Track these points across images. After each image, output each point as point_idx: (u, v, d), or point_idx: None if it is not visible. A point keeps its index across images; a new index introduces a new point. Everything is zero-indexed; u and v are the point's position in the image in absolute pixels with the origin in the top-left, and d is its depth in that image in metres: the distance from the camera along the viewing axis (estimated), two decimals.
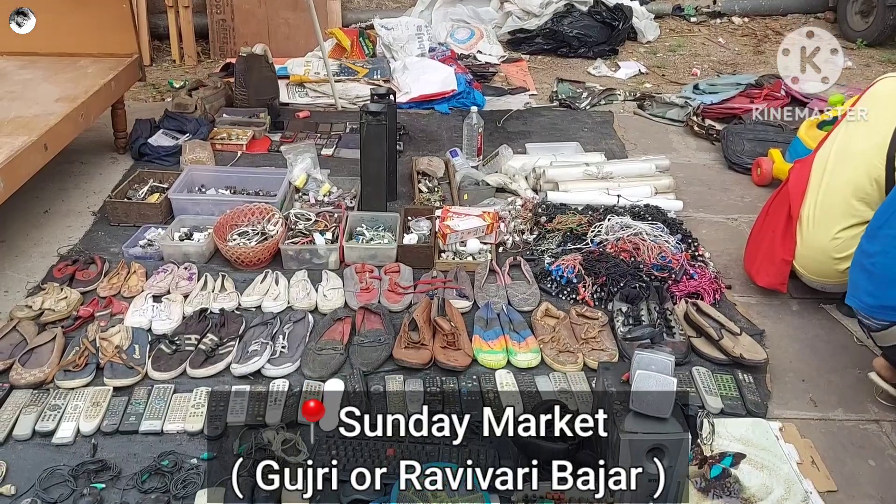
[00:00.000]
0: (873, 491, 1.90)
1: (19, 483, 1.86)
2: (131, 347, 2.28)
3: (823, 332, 2.50)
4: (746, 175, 3.55)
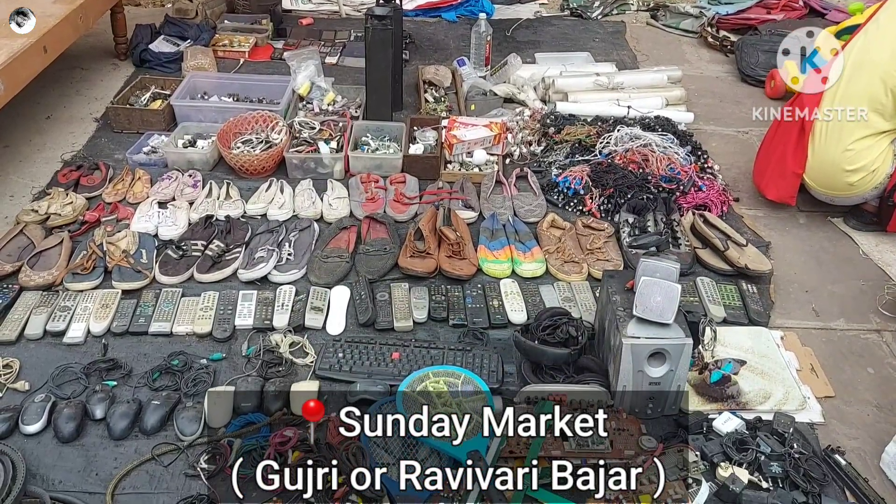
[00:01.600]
0: (870, 397, 1.94)
1: (33, 380, 1.90)
2: (138, 252, 2.29)
3: (829, 245, 2.50)
4: (760, 88, 3.48)
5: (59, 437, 1.73)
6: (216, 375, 1.94)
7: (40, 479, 1.64)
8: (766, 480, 1.65)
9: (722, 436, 1.75)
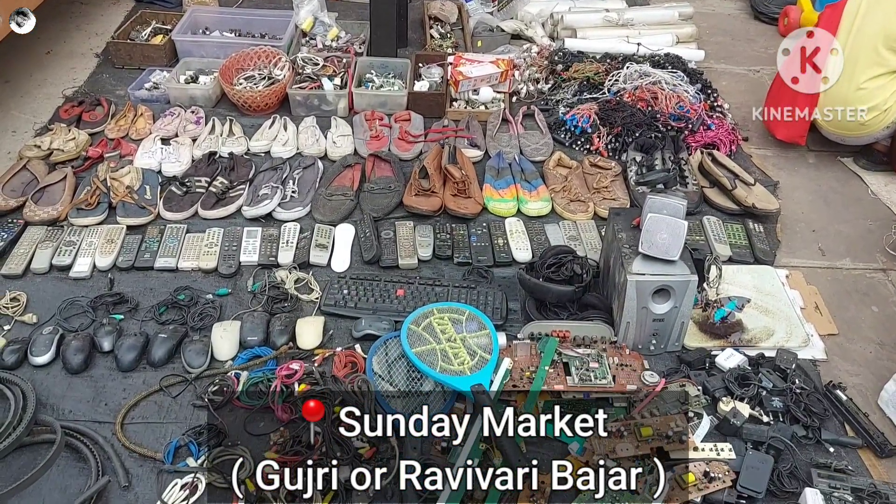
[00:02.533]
0: (873, 335, 1.94)
1: (40, 313, 1.92)
2: (142, 188, 2.28)
3: (838, 185, 2.48)
4: (772, 25, 3.40)
5: (68, 368, 1.75)
6: (222, 310, 1.95)
7: (50, 409, 1.67)
8: (767, 415, 1.67)
9: (724, 371, 1.77)
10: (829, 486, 1.51)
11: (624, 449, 1.56)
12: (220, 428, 1.62)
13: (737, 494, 1.50)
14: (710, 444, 1.60)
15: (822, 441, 1.63)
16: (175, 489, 1.50)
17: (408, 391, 1.74)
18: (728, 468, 1.53)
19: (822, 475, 1.54)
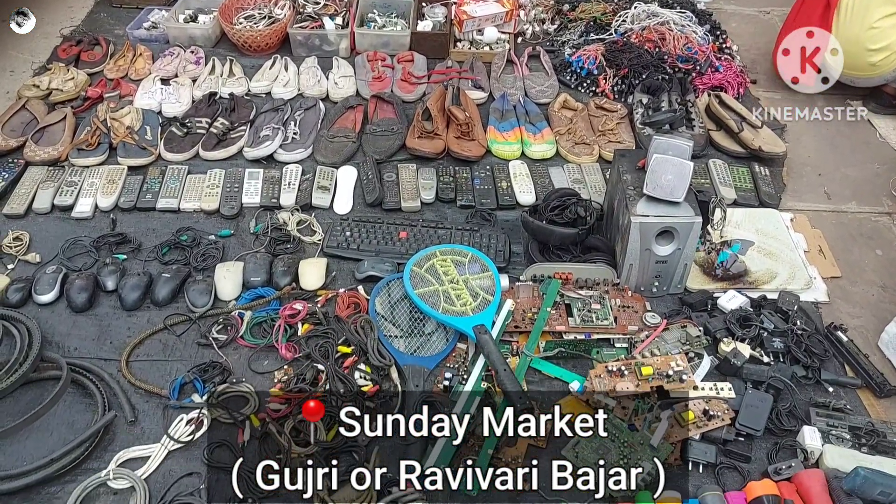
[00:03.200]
0: (876, 278, 1.94)
1: (43, 252, 1.92)
2: (142, 129, 2.26)
3: (846, 128, 2.44)
4: None
5: (72, 306, 1.76)
6: (225, 251, 1.95)
7: (56, 346, 1.68)
8: (768, 355, 1.68)
9: (726, 313, 1.77)
10: (828, 425, 1.53)
11: (624, 387, 1.57)
12: (225, 366, 1.64)
13: (735, 432, 1.51)
14: (710, 383, 1.61)
15: (821, 381, 1.64)
16: (181, 424, 1.53)
17: (410, 331, 1.75)
18: (727, 407, 1.54)
19: (820, 414, 1.55)
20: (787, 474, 1.44)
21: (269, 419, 1.52)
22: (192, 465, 1.47)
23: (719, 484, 1.46)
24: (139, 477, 1.43)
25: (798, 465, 1.45)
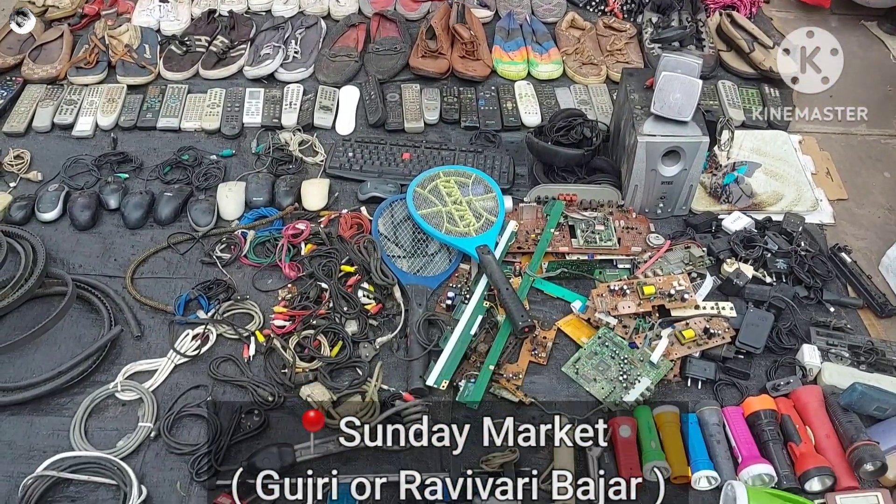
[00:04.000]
0: (883, 200, 1.93)
1: (44, 171, 1.91)
2: (141, 47, 2.22)
3: (859, 50, 2.38)
4: None
5: (76, 224, 1.77)
6: (226, 171, 1.94)
7: (60, 264, 1.69)
8: (771, 276, 1.68)
9: (730, 234, 1.76)
10: (827, 343, 1.54)
11: (626, 306, 1.58)
12: (229, 283, 1.65)
13: (735, 350, 1.53)
14: (712, 303, 1.61)
15: (823, 301, 1.65)
16: (187, 340, 1.54)
17: (413, 252, 1.75)
18: (728, 325, 1.55)
19: (820, 333, 1.56)
20: (785, 391, 1.46)
21: (274, 335, 1.54)
22: (198, 378, 1.49)
23: (717, 400, 1.48)
24: (147, 389, 1.45)
25: (796, 381, 1.47)
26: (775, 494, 1.29)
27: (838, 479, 1.32)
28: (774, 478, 1.33)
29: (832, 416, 1.40)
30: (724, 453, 1.37)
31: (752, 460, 1.33)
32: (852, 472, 1.33)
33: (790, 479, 1.33)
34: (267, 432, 1.42)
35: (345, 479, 1.33)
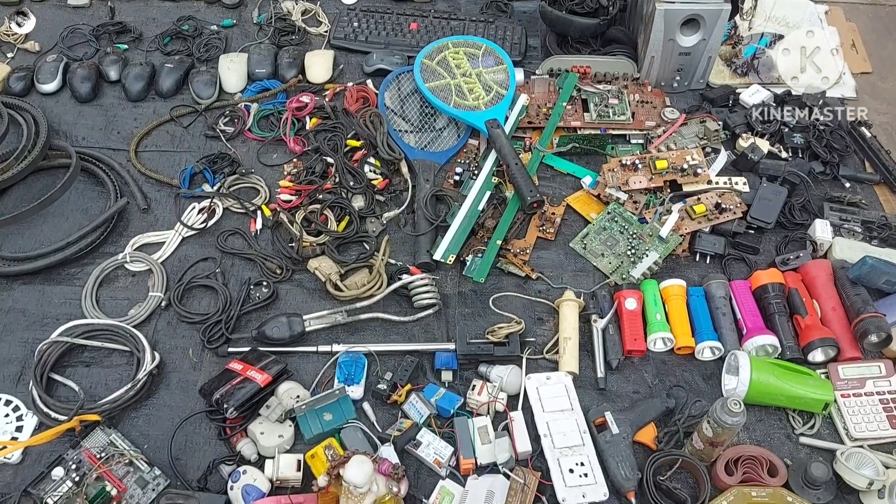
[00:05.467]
0: None
1: (42, 41, 1.85)
2: None
3: None
4: None
5: (77, 96, 1.73)
6: (228, 42, 1.88)
7: (63, 136, 1.67)
8: (787, 151, 1.64)
9: (747, 108, 1.71)
10: (840, 219, 1.51)
11: (637, 181, 1.55)
12: (234, 157, 1.62)
13: (746, 225, 1.51)
14: (725, 178, 1.58)
15: (839, 177, 1.61)
16: (193, 213, 1.54)
17: (421, 126, 1.71)
18: (740, 201, 1.53)
19: (833, 208, 1.54)
20: (794, 265, 1.45)
21: (280, 209, 1.53)
22: (206, 251, 1.50)
23: (725, 274, 1.47)
24: (155, 260, 1.46)
25: (806, 256, 1.45)
26: (778, 364, 1.30)
27: (842, 350, 1.33)
28: (778, 349, 1.34)
29: (840, 290, 1.40)
30: (728, 325, 1.38)
31: (756, 331, 1.34)
32: (856, 344, 1.34)
33: (794, 350, 1.34)
34: (276, 303, 1.43)
35: (353, 348, 1.35)
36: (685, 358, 1.37)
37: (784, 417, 1.30)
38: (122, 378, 1.30)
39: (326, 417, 1.25)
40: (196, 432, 1.26)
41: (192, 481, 1.20)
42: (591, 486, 1.20)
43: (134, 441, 1.24)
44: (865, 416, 1.27)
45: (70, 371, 1.32)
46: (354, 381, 1.31)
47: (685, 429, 1.25)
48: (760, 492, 1.18)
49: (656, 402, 1.29)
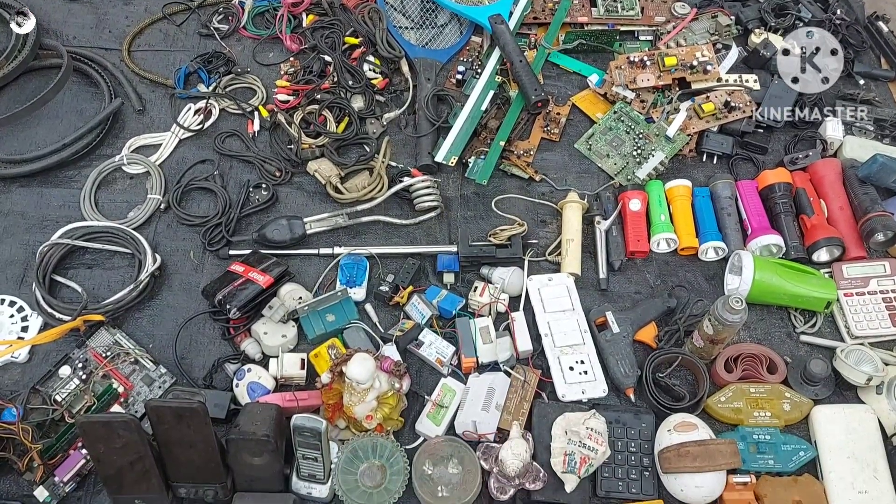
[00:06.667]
0: None
1: None
2: None
3: None
4: None
5: None
6: None
7: (53, 35, 1.62)
8: None
9: (761, 2, 1.64)
10: (852, 116, 1.48)
11: (645, 79, 1.51)
12: (229, 56, 1.58)
13: (755, 124, 1.47)
14: (735, 75, 1.53)
15: (853, 74, 1.56)
16: (189, 114, 1.51)
17: (422, 23, 1.66)
18: (750, 99, 1.49)
19: (846, 106, 1.49)
20: (803, 164, 1.42)
21: (278, 110, 1.50)
22: (204, 153, 1.48)
23: (732, 174, 1.45)
24: (153, 162, 1.44)
25: (815, 155, 1.42)
26: (781, 264, 1.29)
27: (847, 249, 1.32)
28: (783, 248, 1.33)
29: (848, 189, 1.37)
30: (733, 225, 1.36)
31: (761, 231, 1.33)
32: (862, 243, 1.33)
33: (799, 250, 1.33)
34: (276, 206, 1.42)
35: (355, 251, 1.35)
36: (688, 259, 1.37)
37: (785, 316, 1.31)
38: (125, 280, 1.31)
39: (329, 318, 1.26)
40: (200, 332, 1.28)
41: (198, 379, 1.23)
42: (590, 383, 1.21)
43: (139, 341, 1.25)
44: (867, 314, 1.27)
45: (72, 273, 1.32)
46: (356, 284, 1.31)
47: (686, 328, 1.26)
48: (759, 388, 1.19)
49: (658, 301, 1.29)
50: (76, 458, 1.11)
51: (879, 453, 1.15)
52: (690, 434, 1.12)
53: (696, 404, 1.19)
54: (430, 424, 1.18)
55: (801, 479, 1.13)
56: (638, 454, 1.16)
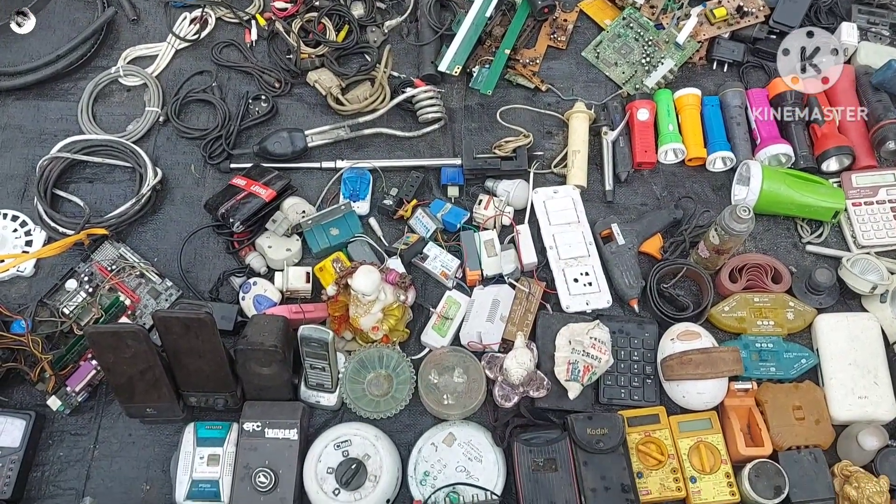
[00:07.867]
0: None
1: None
2: None
3: None
4: None
5: None
6: None
7: None
8: None
9: None
10: (868, 22, 1.43)
11: None
12: None
13: (768, 30, 1.42)
14: None
15: None
16: (185, 23, 1.46)
17: None
18: (763, 3, 1.43)
19: (862, 11, 1.44)
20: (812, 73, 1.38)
21: (276, 18, 1.45)
22: (201, 64, 1.44)
23: (743, 82, 1.41)
24: (150, 74, 1.41)
25: (829, 61, 1.38)
26: (789, 174, 1.27)
27: (857, 158, 1.30)
28: (792, 158, 1.31)
29: (861, 96, 1.34)
30: (742, 135, 1.34)
31: (770, 141, 1.30)
32: (872, 152, 1.31)
33: (808, 159, 1.31)
34: (276, 118, 1.40)
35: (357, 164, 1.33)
36: (696, 169, 1.35)
37: (792, 227, 1.30)
38: (126, 194, 1.30)
39: (333, 232, 1.25)
40: (204, 246, 1.28)
41: (204, 293, 1.23)
42: (594, 294, 1.22)
43: (143, 255, 1.25)
44: (875, 223, 1.26)
45: (73, 187, 1.31)
46: (360, 197, 1.30)
47: (692, 239, 1.25)
48: (763, 297, 1.20)
49: (663, 213, 1.28)
50: (87, 369, 1.13)
51: (881, 360, 1.16)
52: (693, 342, 1.13)
53: (699, 314, 1.19)
54: (436, 336, 1.19)
55: (802, 386, 1.14)
56: (641, 363, 1.17)
